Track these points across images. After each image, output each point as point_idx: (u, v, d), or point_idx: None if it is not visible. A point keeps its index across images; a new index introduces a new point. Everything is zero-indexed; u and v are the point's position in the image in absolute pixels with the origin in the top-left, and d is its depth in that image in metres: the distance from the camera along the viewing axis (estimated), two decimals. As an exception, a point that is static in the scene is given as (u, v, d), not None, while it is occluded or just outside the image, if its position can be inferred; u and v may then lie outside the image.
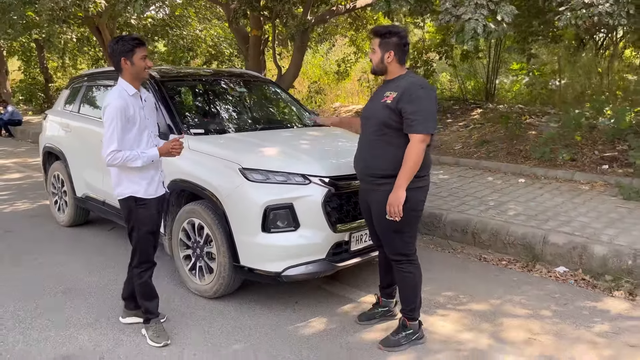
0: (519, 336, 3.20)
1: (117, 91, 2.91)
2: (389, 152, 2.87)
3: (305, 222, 3.34)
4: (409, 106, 2.76)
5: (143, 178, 2.95)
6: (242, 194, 3.35)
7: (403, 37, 2.89)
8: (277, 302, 3.66)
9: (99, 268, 4.29)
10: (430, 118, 2.77)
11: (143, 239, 3.01)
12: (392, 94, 2.84)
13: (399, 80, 2.90)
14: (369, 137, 2.98)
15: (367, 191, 3.05)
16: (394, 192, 2.80)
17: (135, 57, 2.90)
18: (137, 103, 2.96)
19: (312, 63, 15.33)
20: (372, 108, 2.99)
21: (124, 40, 2.91)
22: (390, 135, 2.87)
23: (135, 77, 2.95)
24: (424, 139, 2.77)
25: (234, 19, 7.11)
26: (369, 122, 2.99)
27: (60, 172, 5.39)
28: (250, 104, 5.01)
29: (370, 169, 2.97)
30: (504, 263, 4.52)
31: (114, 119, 2.82)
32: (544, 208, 5.34)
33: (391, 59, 2.90)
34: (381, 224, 2.98)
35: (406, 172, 2.77)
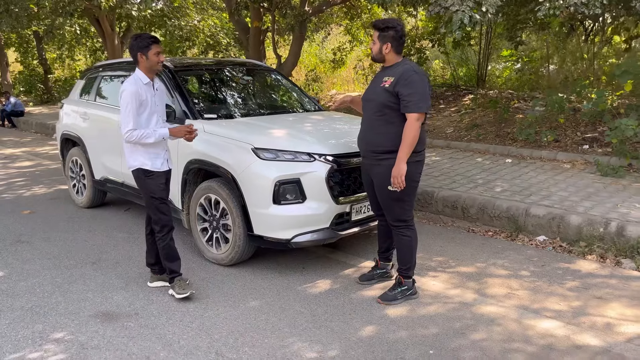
0: (499, 291, 3.66)
1: (133, 79, 3.39)
2: (389, 130, 3.29)
3: (310, 195, 3.78)
4: (405, 89, 3.17)
5: (150, 153, 3.46)
6: (255, 170, 3.77)
7: (399, 31, 3.29)
8: (287, 267, 4.10)
9: (122, 242, 4.72)
10: (423, 99, 3.18)
11: (155, 205, 3.50)
12: (390, 79, 3.26)
13: (396, 67, 3.30)
14: (371, 117, 3.40)
15: (370, 166, 3.47)
16: (397, 165, 3.21)
17: (150, 53, 3.38)
18: (149, 91, 3.42)
19: (309, 52, 15.68)
20: (373, 92, 3.40)
21: (141, 38, 3.41)
22: (390, 115, 3.28)
23: (149, 69, 3.43)
24: (419, 117, 3.18)
25: (235, 10, 7.46)
26: (370, 104, 3.40)
27: (78, 157, 5.79)
28: (256, 90, 5.42)
29: (372, 145, 3.38)
30: (490, 234, 4.97)
31: (130, 102, 3.30)
32: (528, 184, 5.79)
33: (389, 50, 3.31)
34: (383, 194, 3.40)
35: (406, 147, 3.20)
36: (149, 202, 3.53)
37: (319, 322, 3.22)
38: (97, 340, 3.02)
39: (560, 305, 3.44)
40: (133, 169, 3.50)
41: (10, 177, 7.70)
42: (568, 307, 3.41)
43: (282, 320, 3.26)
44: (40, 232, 5.01)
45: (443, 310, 3.38)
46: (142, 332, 3.11)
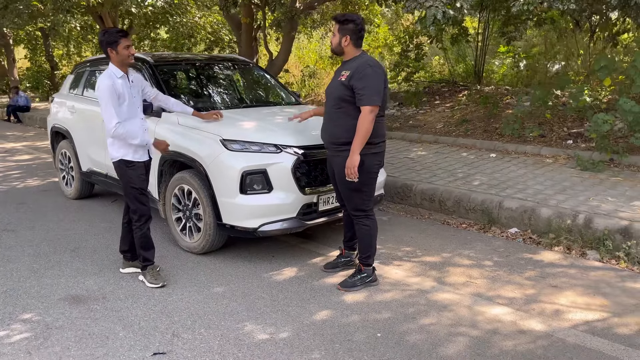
0: (458, 280, 3.75)
1: (107, 73, 3.49)
2: (347, 122, 3.39)
3: (277, 185, 3.89)
4: (359, 82, 3.27)
5: (131, 145, 3.54)
6: (223, 161, 3.90)
7: (359, 24, 3.39)
8: (257, 256, 4.22)
9: (103, 232, 4.87)
10: (375, 92, 3.27)
11: (134, 194, 3.60)
12: (346, 73, 3.36)
13: (353, 61, 3.40)
14: (330, 110, 3.51)
15: (331, 157, 3.59)
16: (350, 156, 3.33)
17: (120, 47, 3.47)
18: (125, 84, 3.53)
19: (308, 48, 15.78)
20: (332, 86, 3.51)
21: (109, 33, 3.51)
22: (347, 108, 3.39)
23: (121, 63, 3.52)
24: (371, 110, 3.27)
25: (225, 7, 7.59)
26: (330, 98, 3.52)
27: (67, 150, 5.96)
28: (235, 85, 5.55)
29: (332, 137, 3.50)
30: (463, 226, 5.06)
31: (107, 95, 3.40)
32: (507, 178, 5.85)
33: (347, 43, 3.40)
34: (343, 184, 3.51)
35: (358, 139, 3.30)
36: (128, 191, 3.64)
37: (277, 307, 3.34)
38: (62, 321, 3.17)
39: (514, 293, 3.53)
40: (115, 160, 3.61)
41: (8, 169, 7.91)
42: (521, 295, 3.49)
43: (242, 304, 3.38)
44: (26, 222, 5.18)
45: (399, 297, 3.48)
46: (106, 314, 3.25)
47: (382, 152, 3.52)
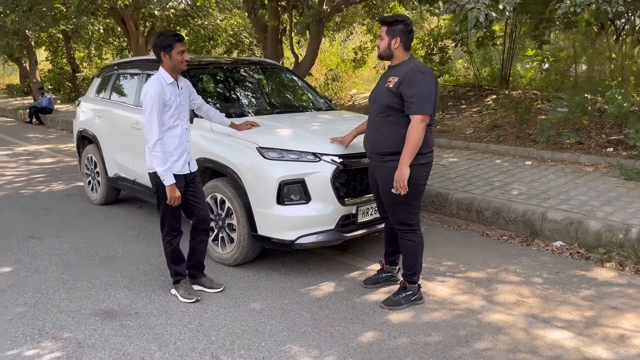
0: (509, 299, 3.52)
1: (156, 79, 3.29)
2: (393, 131, 3.19)
3: (315, 195, 3.71)
4: (408, 90, 3.06)
5: (171, 155, 3.33)
6: (259, 170, 3.72)
7: (408, 25, 3.18)
8: (291, 269, 4.04)
9: (131, 240, 4.73)
10: (426, 100, 3.06)
11: (169, 209, 3.40)
12: (394, 79, 3.15)
13: (402, 66, 3.19)
14: (375, 118, 3.30)
15: (374, 167, 3.38)
16: (399, 169, 3.11)
17: (174, 52, 3.28)
18: (173, 91, 3.34)
19: (330, 51, 15.60)
20: (378, 92, 3.30)
21: (164, 36, 3.30)
22: (394, 116, 3.18)
23: (172, 68, 3.33)
24: (422, 119, 3.06)
25: (252, 9, 7.44)
26: (375, 105, 3.31)
27: (93, 155, 5.84)
28: (267, 89, 5.38)
29: (376, 147, 3.29)
30: (504, 238, 4.82)
31: (153, 104, 3.20)
32: (547, 188, 5.60)
33: (397, 45, 3.18)
34: (387, 197, 3.30)
35: (408, 150, 3.08)
36: (165, 205, 3.40)
37: (319, 327, 3.15)
38: (95, 338, 3.01)
39: (572, 314, 3.29)
40: (151, 171, 3.39)
41: (32, 173, 7.84)
42: (580, 317, 3.25)
43: (282, 323, 3.20)
44: (52, 229, 5.06)
45: (448, 317, 3.27)
46: (140, 332, 3.09)
47: (430, 162, 3.31)
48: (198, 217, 3.53)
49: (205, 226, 3.59)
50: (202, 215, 3.54)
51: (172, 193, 3.31)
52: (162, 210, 3.44)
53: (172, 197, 3.31)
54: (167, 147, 3.31)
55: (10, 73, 31.60)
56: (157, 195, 3.44)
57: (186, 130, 3.45)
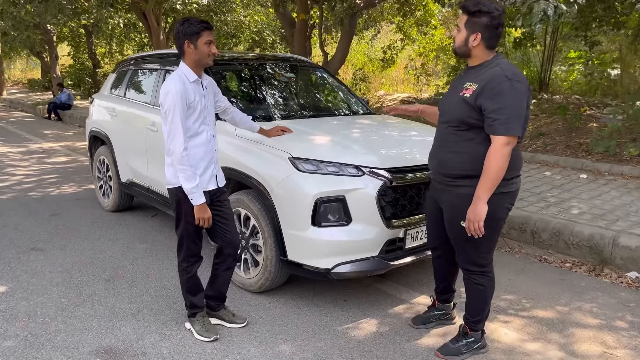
0: (592, 350, 2.90)
1: (177, 76, 2.71)
2: (467, 150, 2.51)
3: (357, 216, 3.12)
4: (490, 102, 2.36)
5: (195, 168, 2.77)
6: (292, 184, 3.16)
7: (495, 18, 2.43)
8: (325, 299, 3.46)
9: (142, 255, 4.21)
10: (514, 117, 2.34)
11: (189, 232, 2.84)
12: (472, 86, 2.45)
13: (483, 69, 2.47)
14: (445, 131, 2.61)
15: (439, 190, 2.71)
16: (473, 205, 2.43)
17: (200, 41, 2.70)
18: (198, 90, 2.77)
19: (357, 50, 15.00)
20: (450, 101, 2.61)
21: (189, 22, 2.71)
22: (470, 132, 2.50)
23: (197, 62, 2.75)
24: (507, 141, 2.36)
25: (281, 2, 6.89)
26: (446, 116, 2.62)
27: (105, 157, 5.35)
28: (298, 90, 4.81)
29: (445, 167, 2.61)
30: (567, 265, 4.18)
31: (175, 107, 2.63)
32: (612, 207, 4.93)
33: (477, 42, 2.46)
34: (454, 230, 2.65)
35: (488, 181, 2.38)
36: (184, 227, 2.85)
37: (363, 381, 2.57)
38: (91, 389, 2.48)
39: (677, 376, 2.66)
40: (171, 187, 2.82)
41: (44, 172, 7.41)
42: (689, 381, 2.62)
43: (317, 374, 2.62)
44: (57, 239, 4.57)
45: (521, 374, 2.66)
46: (146, 381, 2.54)
47: (515, 191, 2.60)
48: (225, 241, 2.96)
49: (233, 251, 3.02)
50: (230, 238, 2.97)
51: (202, 213, 2.75)
52: (180, 231, 2.88)
53: (202, 218, 2.76)
54: (192, 159, 2.75)
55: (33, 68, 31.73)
56: (177, 214, 2.88)
57: (213, 137, 2.89)
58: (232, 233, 2.97)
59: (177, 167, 2.68)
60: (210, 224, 2.79)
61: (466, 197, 2.49)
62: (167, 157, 2.78)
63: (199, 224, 2.77)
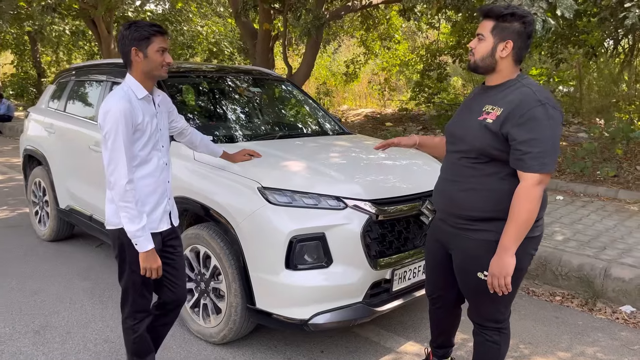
0: (610, 409, 2.53)
1: (122, 92, 2.18)
2: (489, 186, 2.06)
3: (339, 256, 2.66)
4: (521, 132, 1.92)
5: (143, 205, 2.25)
6: (262, 219, 2.67)
7: (529, 24, 2.02)
8: (299, 351, 2.98)
9: (81, 297, 3.60)
10: (550, 151, 1.93)
11: (135, 283, 2.30)
12: (496, 110, 2.00)
13: (508, 89, 2.03)
14: (459, 164, 2.15)
15: (448, 233, 2.24)
16: (499, 257, 1.98)
17: (151, 49, 2.18)
18: (148, 109, 2.25)
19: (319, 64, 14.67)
20: (466, 125, 2.13)
21: (137, 26, 2.18)
22: (490, 165, 2.06)
23: (147, 74, 2.23)
24: (540, 179, 1.93)
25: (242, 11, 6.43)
26: (460, 144, 2.15)
27: (42, 180, 4.69)
28: (265, 106, 4.34)
29: (459, 207, 2.14)
30: (558, 299, 3.86)
31: (118, 130, 2.10)
32: (595, 232, 4.68)
33: (507, 53, 2.01)
34: (468, 282, 2.19)
35: (516, 228, 1.94)
36: (129, 278, 2.30)
37: None
38: None
39: None
40: (113, 228, 2.28)
41: (-27, 194, 6.60)
42: None
43: None
44: (-20, 277, 3.90)
45: None
46: None
47: (541, 234, 2.16)
48: (171, 296, 2.44)
49: (178, 309, 2.50)
50: (178, 293, 2.45)
51: (150, 262, 2.21)
52: (124, 282, 2.34)
53: (149, 268, 2.23)
54: (138, 193, 2.23)
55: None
56: (120, 261, 2.34)
57: (166, 165, 2.36)
58: (180, 287, 2.45)
59: (119, 205, 2.15)
60: (160, 275, 2.26)
61: (485, 243, 2.07)
62: (108, 190, 2.24)
63: (147, 275, 2.24)
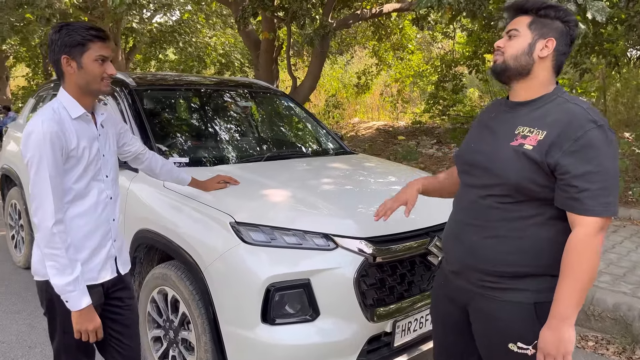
0: None
1: (51, 110, 1.75)
2: (526, 234, 1.56)
3: (328, 308, 2.19)
4: (576, 162, 1.44)
5: (79, 250, 1.81)
6: (234, 262, 2.21)
7: (573, 27, 1.57)
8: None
9: (43, 340, 3.17)
10: (614, 186, 1.47)
11: (68, 347, 1.85)
12: (536, 133, 1.51)
13: (547, 105, 1.56)
14: (483, 203, 1.63)
15: (466, 292, 1.71)
16: (555, 330, 1.46)
17: (87, 57, 1.74)
18: (86, 131, 1.82)
19: (330, 75, 14.27)
20: (491, 153, 1.62)
21: (69, 29, 1.74)
22: (528, 204, 1.55)
23: (84, 89, 1.79)
24: (602, 225, 1.46)
25: (241, 18, 6.06)
26: (483, 177, 1.63)
27: (17, 202, 4.32)
28: (256, 123, 3.90)
29: (482, 260, 1.62)
30: (591, 345, 3.33)
31: (42, 158, 1.67)
32: (631, 263, 4.14)
33: (548, 53, 1.54)
34: (496, 355, 1.66)
35: (575, 291, 1.44)
36: (61, 340, 1.86)
37: None
38: None
39: None
40: (40, 279, 1.84)
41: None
42: None
43: None
44: (-62, 313, 3.50)
45: None
46: None
47: None
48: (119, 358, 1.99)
49: None
50: (129, 355, 1.99)
51: (85, 323, 1.76)
52: (56, 345, 1.89)
53: (85, 330, 1.77)
54: (72, 236, 1.79)
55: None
56: (49, 319, 1.90)
57: (110, 200, 1.92)
58: (131, 349, 1.99)
59: (44, 252, 1.71)
60: (100, 337, 1.82)
61: (519, 306, 1.56)
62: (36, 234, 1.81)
63: (82, 338, 1.79)
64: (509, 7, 1.67)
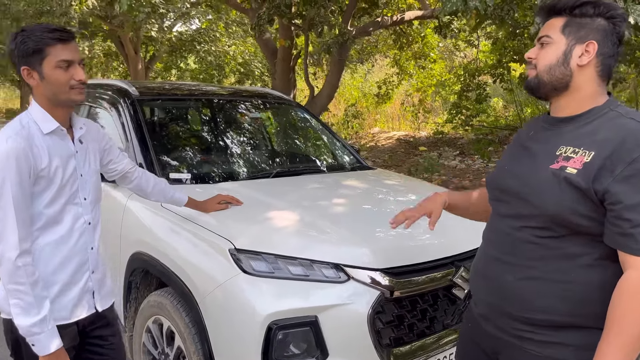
0: None
1: (18, 125, 1.54)
2: (569, 275, 1.30)
3: (338, 348, 1.93)
4: (630, 190, 1.19)
5: (50, 285, 1.59)
6: (233, 294, 1.97)
7: (620, 22, 1.29)
8: None
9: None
10: None
11: None
12: (582, 154, 1.26)
13: (596, 121, 1.29)
14: (517, 235, 1.37)
15: (495, 340, 1.44)
16: None
17: (48, 65, 1.52)
18: (59, 148, 1.60)
19: (351, 84, 14.05)
20: (527, 176, 1.36)
21: (25, 35, 1.52)
22: (573, 241, 1.29)
23: (54, 101, 1.57)
24: None
25: (257, 25, 5.88)
26: (518, 206, 1.37)
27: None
28: (266, 136, 3.67)
29: (515, 305, 1.36)
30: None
31: (5, 181, 1.46)
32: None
33: (588, 60, 1.28)
34: None
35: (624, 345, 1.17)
36: None
37: None
38: None
39: None
40: (5, 317, 1.61)
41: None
42: None
43: None
44: None
45: None
46: None
47: None
48: None
49: None
50: None
51: None
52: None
53: None
54: (42, 269, 1.56)
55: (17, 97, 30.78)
56: None
57: (88, 226, 1.69)
58: None
59: (7, 288, 1.49)
60: None
61: None
62: None
63: None
64: (540, 10, 1.41)
